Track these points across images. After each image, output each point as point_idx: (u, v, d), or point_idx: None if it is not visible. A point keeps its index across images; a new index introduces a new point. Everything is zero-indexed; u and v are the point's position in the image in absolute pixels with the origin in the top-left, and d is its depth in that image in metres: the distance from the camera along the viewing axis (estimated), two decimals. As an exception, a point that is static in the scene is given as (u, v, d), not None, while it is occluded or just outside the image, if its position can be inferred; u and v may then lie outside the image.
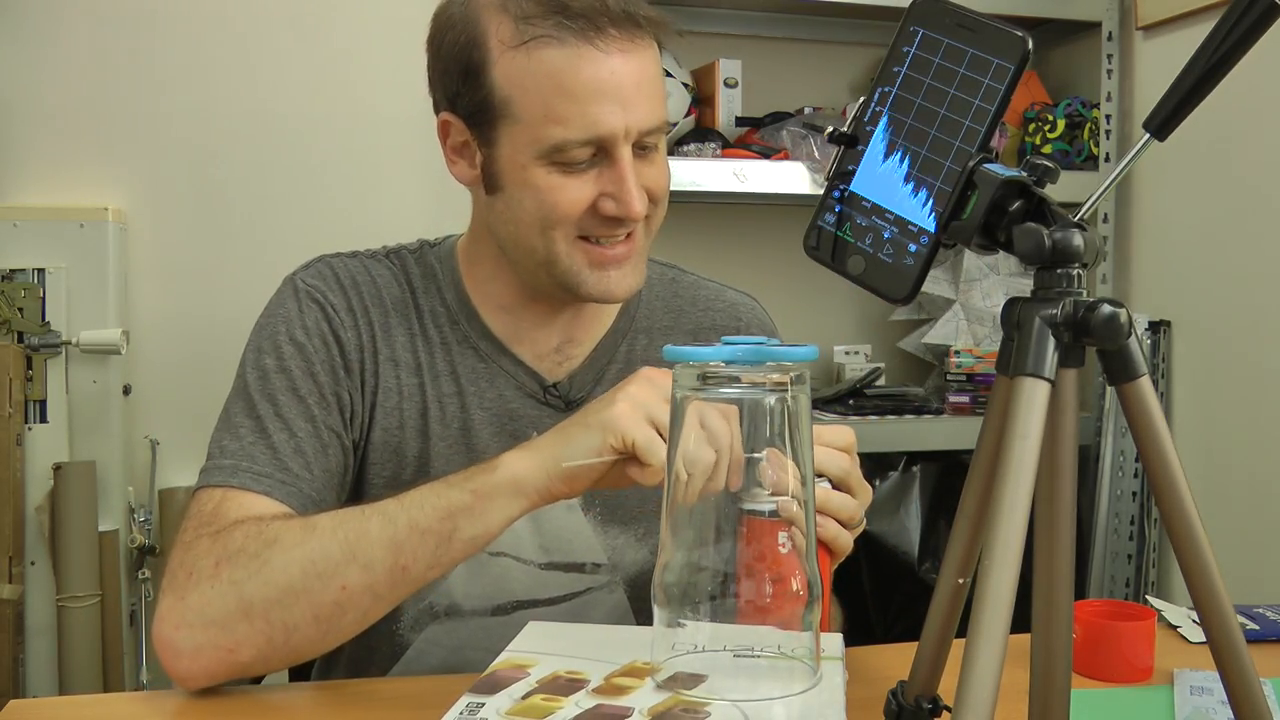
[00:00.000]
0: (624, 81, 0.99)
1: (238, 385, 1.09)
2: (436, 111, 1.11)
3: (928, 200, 0.61)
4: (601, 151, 1.01)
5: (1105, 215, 2.39)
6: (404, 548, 0.91)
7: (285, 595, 0.91)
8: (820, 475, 0.89)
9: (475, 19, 1.02)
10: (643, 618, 1.13)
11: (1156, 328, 2.26)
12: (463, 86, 1.04)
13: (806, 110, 2.37)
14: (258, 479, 1.01)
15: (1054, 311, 0.58)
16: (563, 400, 1.13)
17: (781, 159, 2.21)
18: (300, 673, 1.33)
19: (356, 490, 1.11)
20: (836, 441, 0.91)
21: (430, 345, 1.12)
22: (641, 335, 1.19)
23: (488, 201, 1.08)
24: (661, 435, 0.88)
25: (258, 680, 1.27)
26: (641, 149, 1.03)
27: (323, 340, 1.09)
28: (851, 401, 2.38)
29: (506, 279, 1.13)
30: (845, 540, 0.91)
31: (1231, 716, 0.61)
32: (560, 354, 1.15)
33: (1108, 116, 2.39)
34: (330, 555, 0.92)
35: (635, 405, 0.89)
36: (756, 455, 0.78)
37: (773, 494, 0.78)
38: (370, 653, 1.13)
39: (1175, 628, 1.16)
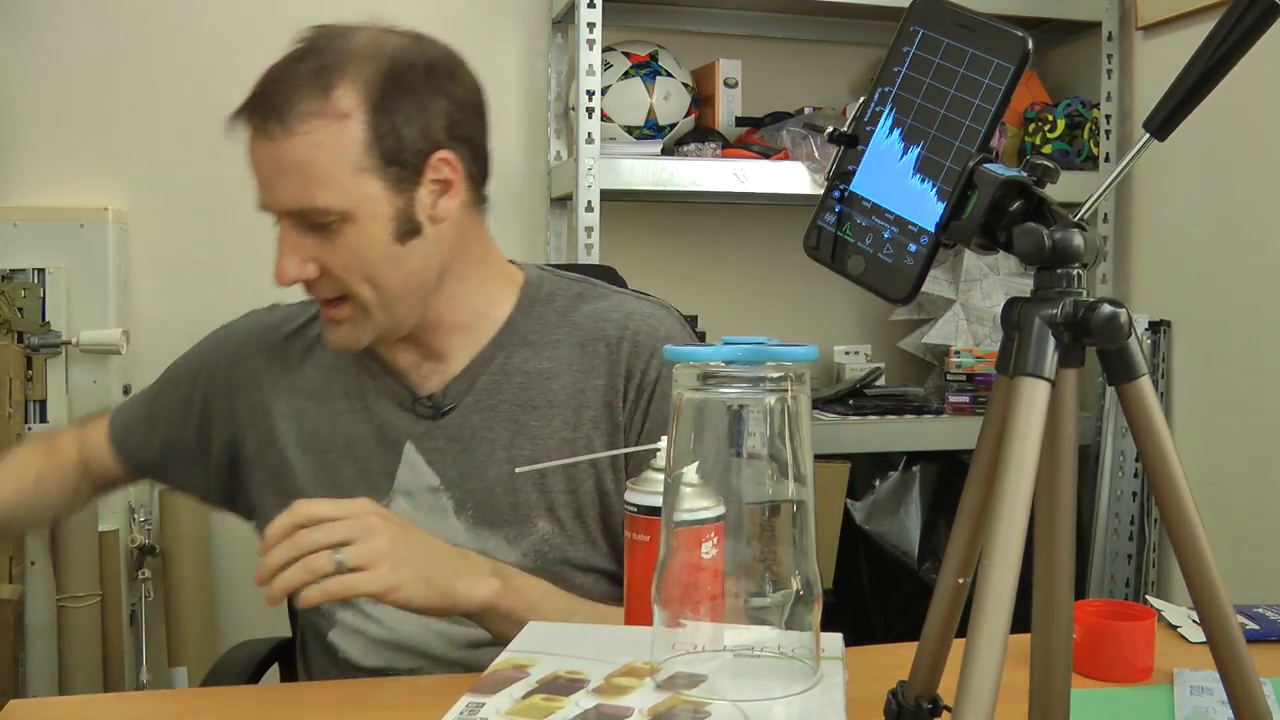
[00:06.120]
0: (261, 166, 1.13)
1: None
2: None
3: (933, 188, 0.61)
4: None
5: (1105, 215, 2.39)
6: None
7: None
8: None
9: None
10: None
11: (1156, 328, 2.26)
12: None
13: (806, 110, 2.38)
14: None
15: (1054, 311, 0.58)
16: (433, 410, 1.19)
17: (781, 159, 2.21)
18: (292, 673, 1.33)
19: (250, 503, 1.26)
20: (286, 521, 0.97)
21: (321, 369, 1.24)
22: (525, 348, 1.20)
23: None
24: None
25: (256, 679, 1.27)
26: (316, 226, 1.10)
27: (191, 381, 1.33)
28: (851, 401, 2.38)
29: None
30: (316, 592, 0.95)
31: (1231, 716, 0.61)
32: (429, 365, 1.21)
33: (1108, 116, 2.39)
34: None
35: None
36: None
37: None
38: (305, 631, 1.24)
39: (1175, 628, 1.16)
